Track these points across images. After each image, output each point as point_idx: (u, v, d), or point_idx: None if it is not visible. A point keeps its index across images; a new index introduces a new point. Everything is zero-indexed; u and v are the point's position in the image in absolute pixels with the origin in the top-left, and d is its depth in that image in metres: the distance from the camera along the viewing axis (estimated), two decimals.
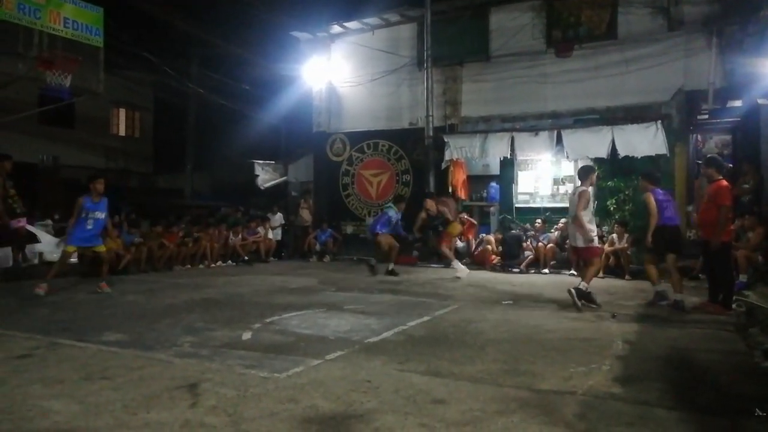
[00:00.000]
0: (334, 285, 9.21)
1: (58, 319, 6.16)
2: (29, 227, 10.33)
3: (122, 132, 23.94)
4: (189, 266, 11.91)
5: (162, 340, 5.13)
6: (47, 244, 10.71)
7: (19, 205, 9.56)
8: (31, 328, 5.58)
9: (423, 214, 10.81)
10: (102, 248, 8.32)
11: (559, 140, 11.76)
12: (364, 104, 14.82)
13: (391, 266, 10.72)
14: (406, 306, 7.11)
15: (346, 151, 15.30)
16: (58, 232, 11.40)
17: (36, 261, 10.01)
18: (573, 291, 6.93)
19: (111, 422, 3.16)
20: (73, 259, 10.57)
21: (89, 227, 7.98)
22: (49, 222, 11.79)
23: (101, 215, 8.10)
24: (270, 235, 14.17)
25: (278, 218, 15.10)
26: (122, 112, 23.83)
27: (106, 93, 11.15)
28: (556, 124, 12.28)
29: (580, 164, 12.50)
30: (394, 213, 10.95)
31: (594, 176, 7.72)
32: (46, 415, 3.27)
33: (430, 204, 10.77)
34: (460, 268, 10.34)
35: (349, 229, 14.74)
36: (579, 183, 7.62)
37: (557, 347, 4.96)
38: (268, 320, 6.08)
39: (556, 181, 12.99)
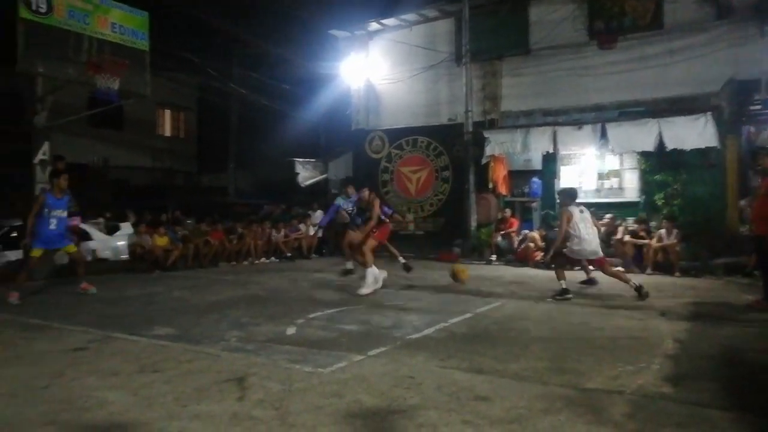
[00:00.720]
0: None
1: (111, 314, 6.40)
2: (82, 225, 10.75)
3: (168, 132, 24.61)
4: (234, 263, 12.16)
5: (209, 335, 5.27)
6: (100, 242, 11.13)
7: (73, 204, 9.95)
8: (86, 323, 5.81)
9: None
10: (72, 248, 7.85)
11: (603, 134, 11.47)
12: (403, 101, 14.81)
13: (349, 265, 9.29)
14: (448, 303, 7.08)
15: (384, 148, 15.33)
16: (109, 230, 11.83)
17: (90, 258, 10.39)
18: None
19: (163, 413, 3.27)
20: (124, 256, 10.96)
21: (52, 227, 7.35)
22: (101, 220, 12.22)
23: (63, 213, 7.51)
24: (311, 232, 14.32)
25: (319, 215, 15.23)
26: (167, 113, 24.49)
27: (151, 95, 11.45)
28: (600, 117, 11.99)
29: (626, 158, 12.27)
30: (342, 201, 9.39)
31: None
32: (102, 405, 3.40)
33: (351, 191, 8.95)
34: (368, 283, 7.71)
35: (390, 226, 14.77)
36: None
37: (604, 345, 4.86)
38: (311, 316, 6.17)
39: (601, 176, 12.68)
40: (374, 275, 7.76)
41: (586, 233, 7.41)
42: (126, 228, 11.90)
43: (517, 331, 5.46)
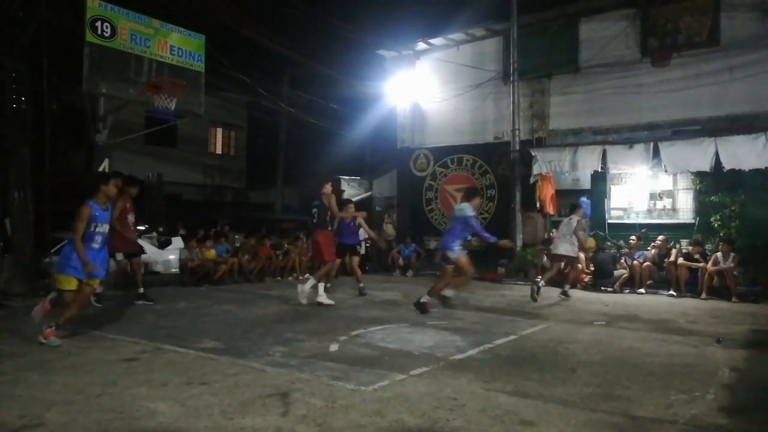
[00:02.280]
0: (413, 297, 9.20)
1: (162, 326, 6.60)
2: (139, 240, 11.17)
3: (219, 150, 25.38)
4: (279, 278, 12.35)
5: (254, 349, 5.36)
6: (153, 255, 11.52)
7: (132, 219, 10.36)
8: (137, 334, 6.01)
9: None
10: (96, 282, 5.87)
11: (656, 153, 11.14)
12: (449, 119, 14.83)
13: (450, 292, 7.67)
14: (492, 324, 6.98)
15: (429, 166, 15.35)
16: (161, 244, 12.24)
17: (142, 271, 10.75)
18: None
19: (210, 425, 3.35)
20: (174, 269, 11.30)
21: (96, 246, 5.62)
22: (154, 234, 12.67)
23: (106, 228, 5.78)
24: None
25: (363, 233, 15.34)
26: (219, 131, 25.28)
27: (204, 114, 11.89)
28: (652, 135, 11.67)
29: (680, 178, 11.87)
30: (470, 212, 7.55)
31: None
32: (152, 415, 3.51)
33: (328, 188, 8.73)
34: (321, 294, 8.21)
35: (432, 244, 14.68)
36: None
37: (655, 372, 4.68)
38: (353, 333, 6.19)
39: (653, 196, 12.30)
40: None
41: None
42: (177, 242, 12.29)
43: (564, 354, 5.32)
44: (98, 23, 9.50)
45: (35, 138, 10.27)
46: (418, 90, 15.41)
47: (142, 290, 8.24)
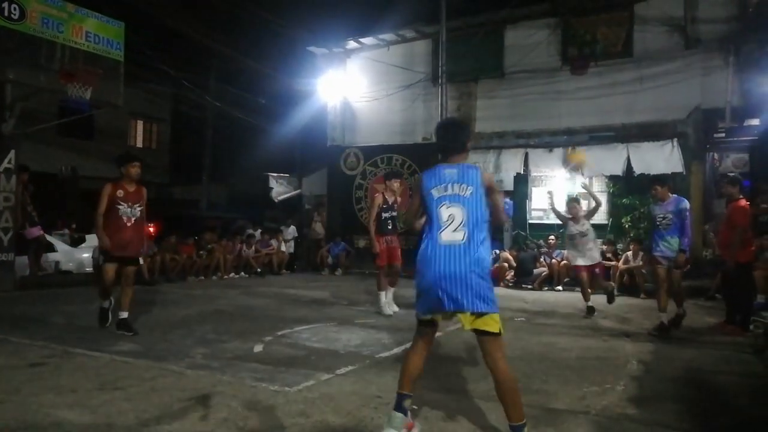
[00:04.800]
0: (345, 299, 9.20)
1: (72, 328, 6.22)
2: (47, 236, 10.48)
3: (140, 143, 24.24)
4: (202, 277, 11.97)
5: (174, 351, 5.15)
6: (64, 254, 10.85)
7: (35, 214, 9.72)
8: (46, 337, 5.63)
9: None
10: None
11: None
12: (379, 119, 14.91)
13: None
14: None
15: (359, 165, 15.36)
16: (74, 242, 11.55)
17: (52, 270, 10.12)
18: None
19: None
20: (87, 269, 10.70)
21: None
22: (66, 231, 11.93)
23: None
24: (283, 247, 14.22)
25: (291, 231, 15.16)
26: (140, 124, 24.15)
27: (124, 105, 11.30)
28: (570, 140, 12.26)
29: (595, 181, 12.51)
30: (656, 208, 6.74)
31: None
32: (59, 424, 3.29)
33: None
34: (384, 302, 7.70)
35: (362, 243, 14.72)
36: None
37: (571, 366, 4.90)
38: (279, 333, 6.09)
39: (570, 199, 12.89)
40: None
41: None
42: (91, 240, 11.63)
43: None
44: (5, 4, 8.79)
45: None
46: (349, 88, 15.40)
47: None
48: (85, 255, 11.12)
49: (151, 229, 13.03)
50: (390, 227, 7.68)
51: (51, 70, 9.42)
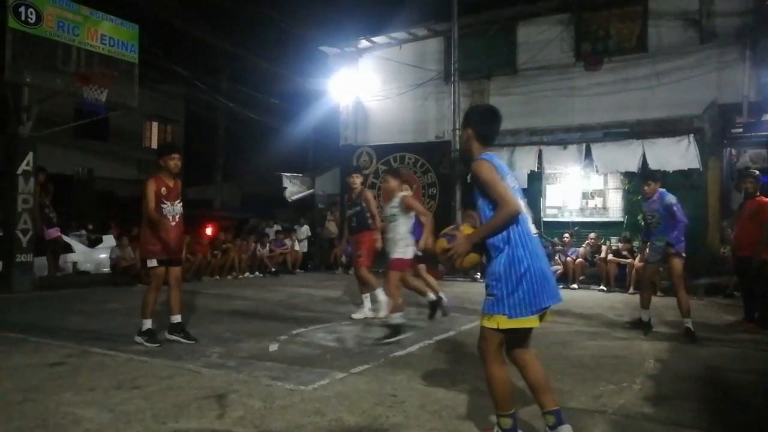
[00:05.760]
0: (359, 297, 9.20)
1: (91, 328, 6.30)
2: (65, 237, 10.62)
3: (154, 144, 24.46)
4: (217, 277, 12.06)
5: (190, 350, 5.20)
6: (81, 254, 10.98)
7: (56, 216, 9.84)
8: (64, 337, 5.71)
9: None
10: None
11: (588, 154, 11.64)
12: (391, 118, 14.91)
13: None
14: (432, 320, 7.06)
15: (372, 164, 15.37)
16: (92, 243, 11.69)
17: (70, 270, 10.25)
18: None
19: (141, 431, 3.21)
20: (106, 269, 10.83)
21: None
22: (83, 232, 12.08)
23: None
24: (297, 247, 14.29)
25: (305, 230, 15.22)
26: (154, 125, 24.39)
27: (139, 107, 11.41)
28: (585, 137, 12.16)
29: (610, 178, 12.42)
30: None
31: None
32: (78, 422, 3.33)
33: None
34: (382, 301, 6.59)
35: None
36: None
37: (586, 364, 4.87)
38: (294, 332, 6.12)
39: (585, 195, 12.82)
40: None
41: None
42: (109, 240, 11.78)
43: None
44: (22, 8, 8.94)
45: None
46: (361, 87, 15.41)
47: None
48: (102, 255, 11.25)
49: (209, 231, 13.16)
50: (354, 224, 7.12)
51: (67, 73, 9.54)
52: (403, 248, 5.99)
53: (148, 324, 5.44)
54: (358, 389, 4.03)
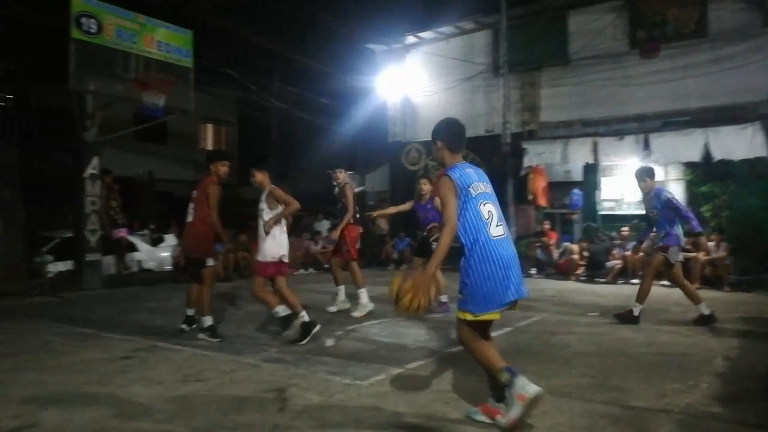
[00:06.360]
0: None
1: (156, 323, 6.57)
2: (129, 237, 11.09)
3: (210, 146, 25.20)
4: None
5: (250, 345, 5.35)
6: (145, 253, 11.45)
7: (121, 216, 10.30)
8: (132, 332, 5.98)
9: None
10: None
11: (646, 144, 11.21)
12: (439, 113, 14.63)
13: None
14: None
15: (421, 159, 15.33)
16: (154, 242, 12.17)
17: (135, 269, 10.71)
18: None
19: (206, 423, 3.34)
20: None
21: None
22: (146, 232, 12.58)
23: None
24: None
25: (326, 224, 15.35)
26: (209, 128, 25.10)
27: (194, 110, 11.78)
28: (642, 127, 11.72)
29: (671, 169, 11.95)
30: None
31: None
32: (148, 413, 3.49)
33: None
34: (363, 303, 7.16)
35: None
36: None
37: (650, 362, 4.72)
38: (349, 328, 6.19)
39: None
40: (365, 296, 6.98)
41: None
42: (170, 239, 12.23)
43: (558, 346, 5.35)
44: (83, 19, 9.37)
45: (22, 137, 10.17)
46: (409, 83, 15.39)
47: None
48: (165, 254, 11.70)
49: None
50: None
51: (127, 80, 9.94)
52: (268, 250, 5.62)
53: (209, 321, 5.61)
54: (414, 385, 4.05)
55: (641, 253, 8.43)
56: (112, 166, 11.34)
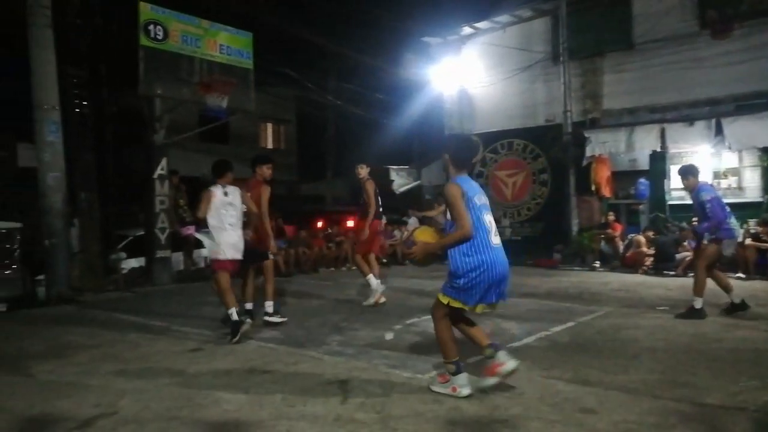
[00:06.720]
0: None
1: (221, 317, 6.80)
2: (196, 234, 11.54)
3: (270, 145, 25.83)
4: (333, 268, 12.53)
5: (312, 338, 5.48)
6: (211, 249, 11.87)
7: (189, 215, 10.73)
8: (200, 325, 6.24)
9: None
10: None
11: (718, 130, 10.63)
12: (497, 103, 14.58)
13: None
14: (548, 311, 6.87)
15: (479, 152, 15.15)
16: None
17: (202, 265, 11.13)
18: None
19: (272, 413, 3.45)
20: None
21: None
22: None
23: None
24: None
25: (413, 222, 15.34)
26: (269, 127, 25.72)
27: (255, 110, 12.10)
28: (714, 111, 11.12)
29: (745, 155, 11.29)
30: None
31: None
32: (218, 403, 3.65)
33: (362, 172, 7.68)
34: (375, 288, 7.47)
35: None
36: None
37: (723, 358, 4.50)
38: (408, 322, 6.22)
39: (717, 175, 11.74)
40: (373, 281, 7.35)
41: (228, 223, 5.83)
42: None
43: (625, 341, 5.18)
44: (151, 27, 9.79)
45: (97, 141, 10.76)
46: (465, 75, 15.21)
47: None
48: None
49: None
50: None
51: (191, 83, 10.33)
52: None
53: (273, 305, 6.25)
54: (474, 379, 4.02)
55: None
56: (178, 166, 11.83)
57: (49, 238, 8.43)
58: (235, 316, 5.46)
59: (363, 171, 7.79)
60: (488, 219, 3.64)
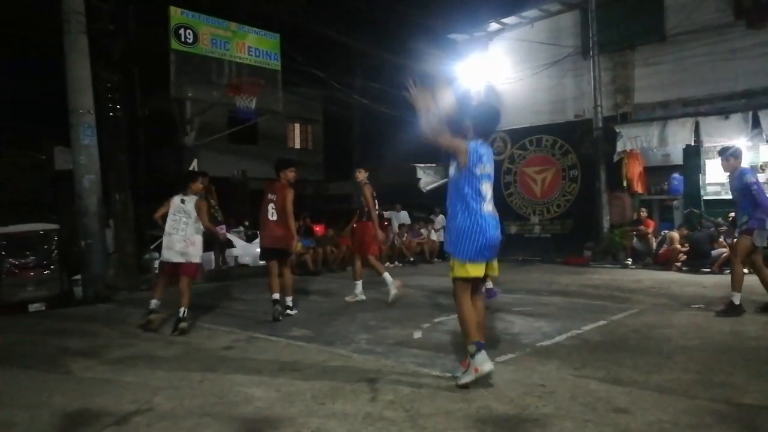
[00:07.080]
0: (499, 286, 9.07)
1: (253, 316, 6.92)
2: (227, 234, 11.72)
3: (297, 145, 26.08)
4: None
5: (341, 337, 5.51)
6: (241, 249, 12.06)
7: (220, 215, 10.92)
8: (231, 324, 6.35)
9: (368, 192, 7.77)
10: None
11: (755, 122, 10.32)
12: (525, 99, 14.41)
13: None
14: (579, 309, 6.77)
15: (507, 149, 15.01)
16: (249, 238, 12.78)
17: (232, 264, 11.31)
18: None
19: (303, 410, 3.49)
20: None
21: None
22: (241, 229, 13.23)
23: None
24: (433, 236, 14.42)
25: (441, 220, 15.30)
26: (297, 127, 25.97)
27: (283, 110, 12.23)
28: (750, 104, 10.80)
29: None
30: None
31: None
32: (249, 400, 3.71)
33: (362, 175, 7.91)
34: (389, 282, 7.37)
35: (513, 229, 14.40)
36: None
37: (761, 357, 4.38)
38: (436, 320, 6.22)
39: (754, 169, 11.37)
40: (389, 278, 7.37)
41: (173, 228, 6.20)
42: None
43: (659, 340, 5.08)
44: (181, 31, 10.00)
45: (130, 143, 11.03)
46: (492, 72, 15.08)
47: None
48: (259, 249, 12.24)
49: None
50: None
51: (221, 85, 10.50)
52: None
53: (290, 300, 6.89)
54: (504, 378, 4.00)
55: None
56: (209, 167, 12.00)
57: (85, 239, 8.66)
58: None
59: (361, 175, 7.95)
60: (485, 188, 3.91)
